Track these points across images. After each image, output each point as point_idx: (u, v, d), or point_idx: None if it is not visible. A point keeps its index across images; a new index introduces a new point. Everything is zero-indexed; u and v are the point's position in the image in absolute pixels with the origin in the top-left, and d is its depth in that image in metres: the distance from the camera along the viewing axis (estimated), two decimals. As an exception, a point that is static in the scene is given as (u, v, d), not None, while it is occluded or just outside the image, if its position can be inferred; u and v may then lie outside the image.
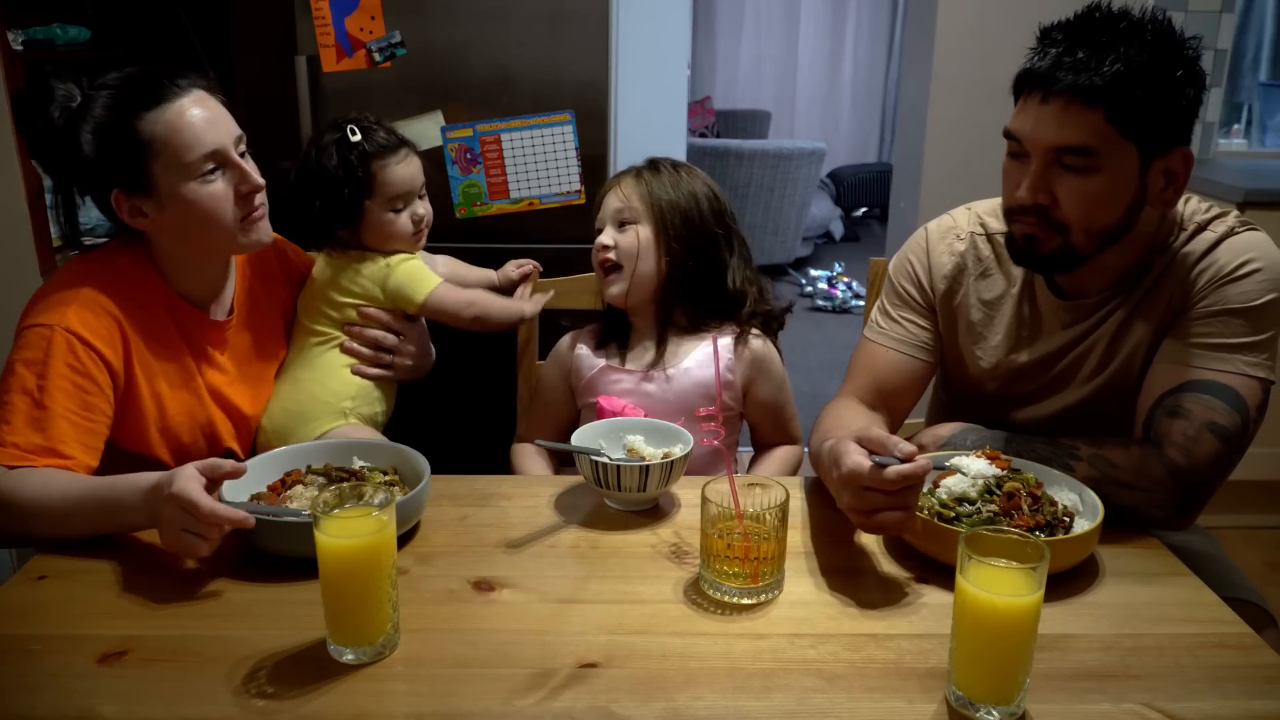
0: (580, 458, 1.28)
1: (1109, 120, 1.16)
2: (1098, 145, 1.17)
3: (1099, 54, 1.15)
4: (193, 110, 1.31)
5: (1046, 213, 1.22)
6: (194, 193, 1.32)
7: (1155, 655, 0.98)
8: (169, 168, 1.31)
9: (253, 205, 1.38)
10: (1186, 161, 1.22)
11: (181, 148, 1.30)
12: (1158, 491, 1.20)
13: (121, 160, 1.31)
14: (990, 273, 1.40)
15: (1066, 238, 1.23)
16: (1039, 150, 1.20)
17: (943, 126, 2.86)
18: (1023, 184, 1.22)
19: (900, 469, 1.04)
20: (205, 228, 1.35)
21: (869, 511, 1.08)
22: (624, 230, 1.54)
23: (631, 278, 1.54)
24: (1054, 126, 1.18)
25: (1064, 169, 1.19)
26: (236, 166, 1.35)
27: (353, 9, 2.16)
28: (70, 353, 1.26)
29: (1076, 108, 1.16)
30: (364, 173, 1.55)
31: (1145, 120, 1.17)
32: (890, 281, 1.49)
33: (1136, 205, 1.23)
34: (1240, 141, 3.22)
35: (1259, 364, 1.22)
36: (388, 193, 1.56)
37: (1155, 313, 1.29)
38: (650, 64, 2.61)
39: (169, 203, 1.33)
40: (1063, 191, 1.20)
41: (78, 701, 0.90)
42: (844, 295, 5.19)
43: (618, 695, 0.92)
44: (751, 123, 7.15)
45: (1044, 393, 1.38)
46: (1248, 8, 3.12)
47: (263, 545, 1.13)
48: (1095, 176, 1.19)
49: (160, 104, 1.30)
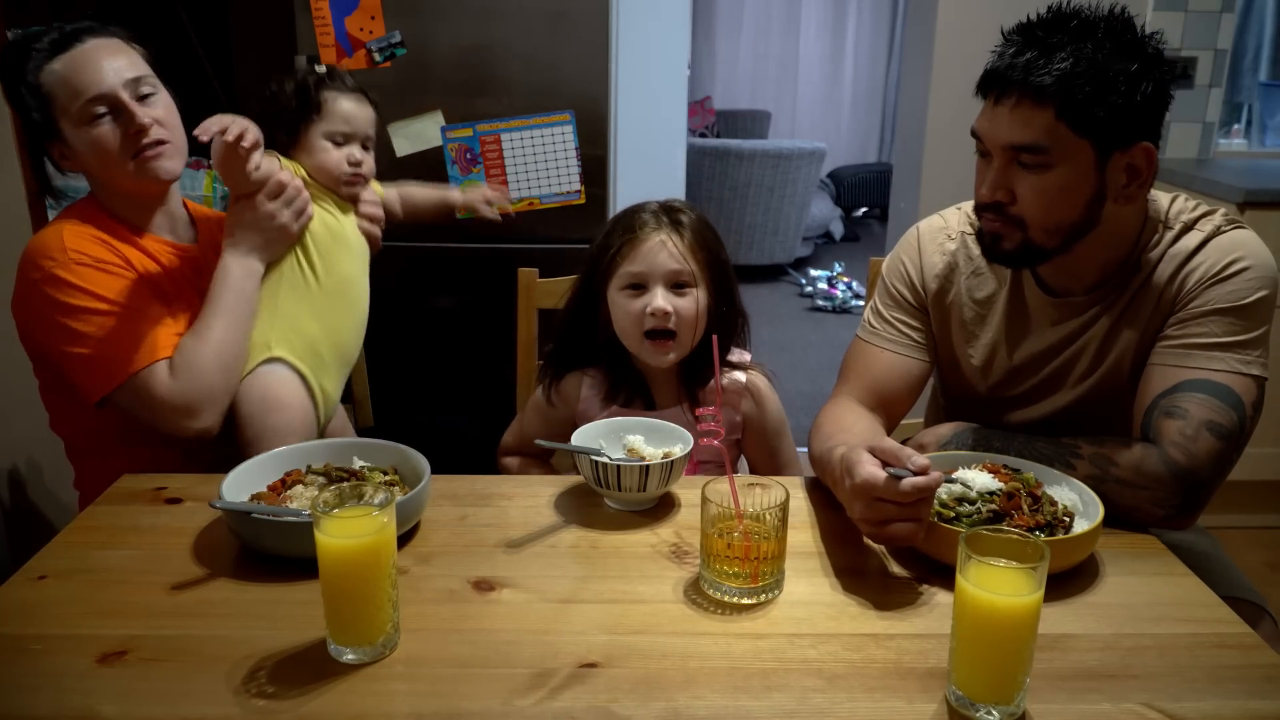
0: (580, 458, 1.27)
1: (1059, 117, 1.18)
2: (1049, 143, 1.19)
3: (1047, 53, 1.17)
4: (84, 58, 1.39)
5: (1003, 209, 1.25)
6: (84, 136, 1.40)
7: (1155, 655, 0.98)
8: (64, 115, 1.39)
9: (140, 145, 1.41)
10: (1149, 156, 1.22)
11: (69, 95, 1.38)
12: (1159, 491, 1.20)
13: (38, 113, 1.40)
14: (981, 271, 1.40)
15: (1025, 233, 1.25)
16: (997, 149, 1.24)
17: (943, 126, 2.86)
18: (984, 182, 1.26)
19: (915, 481, 1.04)
20: (103, 167, 1.42)
21: (881, 522, 1.07)
22: (682, 294, 1.45)
23: (683, 345, 1.47)
24: (1007, 126, 1.21)
25: (1020, 167, 1.22)
26: (125, 110, 1.40)
27: (353, 9, 2.16)
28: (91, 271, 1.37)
29: (1027, 106, 1.19)
30: (313, 96, 1.58)
31: (1098, 117, 1.18)
32: (883, 282, 1.49)
33: (1097, 201, 1.24)
34: (1240, 141, 3.22)
35: (1252, 361, 1.23)
36: (333, 122, 1.58)
37: (1145, 313, 1.29)
38: (650, 64, 2.61)
39: (72, 147, 1.41)
40: (1020, 189, 1.23)
41: (78, 701, 0.90)
42: (844, 295, 5.19)
43: (618, 695, 0.92)
44: (751, 123, 7.15)
45: (1037, 394, 1.39)
46: (1248, 8, 3.12)
47: (263, 545, 1.13)
48: (1049, 173, 1.21)
49: (56, 54, 1.38)
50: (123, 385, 1.36)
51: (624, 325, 1.48)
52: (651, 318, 1.44)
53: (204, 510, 1.24)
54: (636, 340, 1.47)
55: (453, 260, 1.86)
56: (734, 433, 1.56)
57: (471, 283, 2.06)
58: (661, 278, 1.45)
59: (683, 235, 1.46)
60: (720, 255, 1.50)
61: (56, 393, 1.48)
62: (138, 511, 1.27)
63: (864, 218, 7.28)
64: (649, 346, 1.47)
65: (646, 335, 1.46)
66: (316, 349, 1.55)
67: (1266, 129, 3.22)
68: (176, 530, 1.21)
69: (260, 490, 1.23)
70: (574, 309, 1.55)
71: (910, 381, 1.44)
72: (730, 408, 1.55)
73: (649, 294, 1.45)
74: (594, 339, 1.54)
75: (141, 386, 1.36)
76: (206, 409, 1.39)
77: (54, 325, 1.36)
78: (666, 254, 1.45)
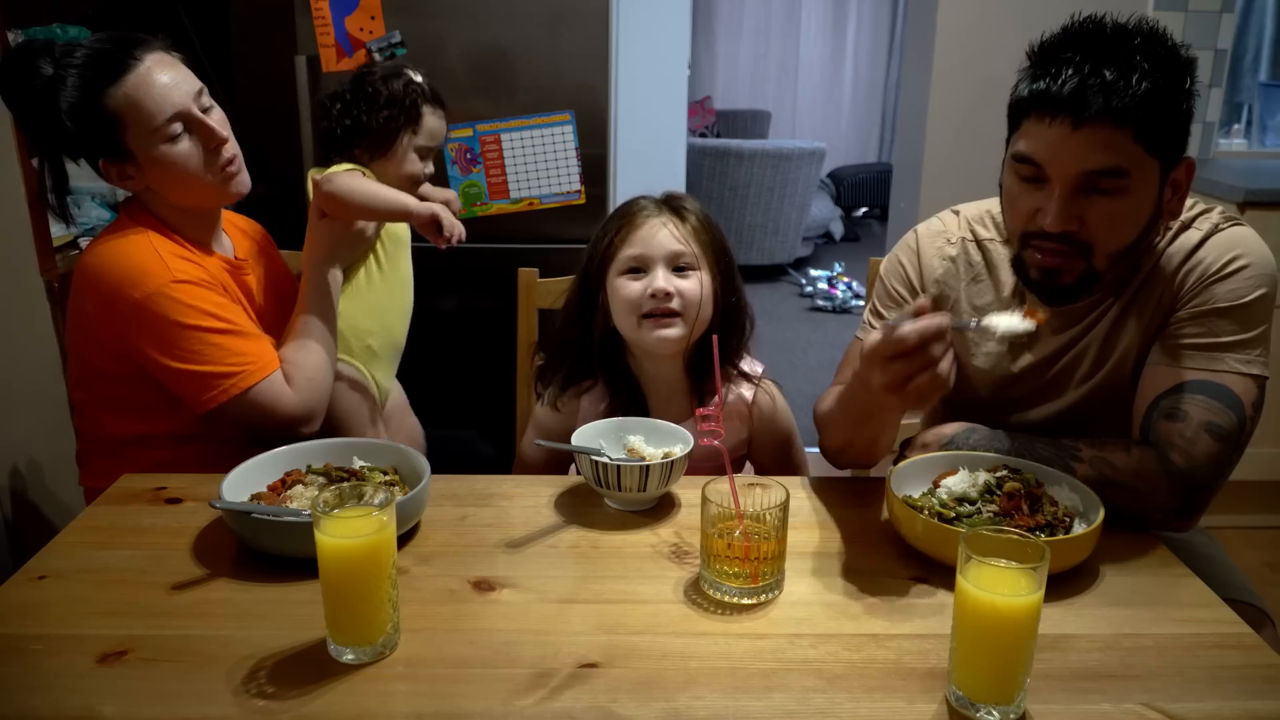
0: (580, 458, 1.27)
1: (1136, 139, 1.14)
2: (1129, 165, 1.15)
3: (1127, 73, 1.12)
4: (150, 78, 1.40)
5: (1072, 238, 1.19)
6: (165, 154, 1.41)
7: (1155, 655, 0.98)
8: (138, 135, 1.40)
9: (224, 159, 1.46)
10: (1190, 170, 1.21)
11: (145, 115, 1.39)
12: (1159, 494, 1.19)
13: (98, 134, 1.40)
14: (981, 279, 1.40)
15: (1090, 261, 1.21)
16: (1067, 176, 1.16)
17: (943, 126, 2.86)
18: (1049, 212, 1.18)
19: (916, 325, 1.04)
20: (185, 182, 1.44)
21: (902, 382, 1.06)
22: (685, 276, 1.42)
23: (691, 328, 1.43)
24: (1086, 151, 1.14)
25: (1095, 192, 1.17)
26: (200, 123, 1.43)
27: (353, 9, 2.16)
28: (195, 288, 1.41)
29: (1109, 130, 1.13)
30: (416, 106, 1.67)
31: (1169, 134, 1.16)
32: (881, 283, 1.49)
33: (1154, 220, 1.22)
34: (1240, 141, 3.22)
35: (1252, 361, 1.22)
36: (422, 137, 1.68)
37: (1145, 313, 1.29)
38: (650, 64, 2.61)
39: (147, 165, 1.43)
40: (1092, 215, 1.18)
41: (78, 701, 0.90)
42: (844, 295, 5.19)
43: (618, 695, 0.92)
44: (751, 123, 7.16)
45: (1039, 397, 1.38)
46: (1248, 8, 3.12)
47: (263, 545, 1.13)
48: (1125, 197, 1.17)
49: (120, 78, 1.38)
50: (239, 397, 1.41)
51: (622, 311, 1.43)
52: (652, 299, 1.39)
53: (204, 510, 1.24)
54: (634, 325, 1.42)
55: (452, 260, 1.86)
56: (740, 449, 1.54)
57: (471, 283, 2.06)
58: (663, 259, 1.41)
59: (685, 219, 1.44)
60: (724, 244, 1.48)
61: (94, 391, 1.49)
62: (138, 511, 1.27)
63: (864, 218, 7.28)
64: (648, 326, 1.41)
65: (645, 316, 1.41)
66: (369, 344, 1.68)
67: (1266, 129, 3.22)
68: (176, 530, 1.21)
69: (260, 490, 1.23)
70: (571, 307, 1.52)
71: None
72: (739, 422, 1.52)
73: (650, 275, 1.41)
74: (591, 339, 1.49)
75: (261, 399, 1.42)
76: (319, 414, 1.50)
77: (166, 342, 1.39)
78: (667, 234, 1.41)
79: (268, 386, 1.43)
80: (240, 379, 1.41)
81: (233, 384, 1.41)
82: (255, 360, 1.43)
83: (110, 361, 1.44)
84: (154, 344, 1.40)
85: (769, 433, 1.55)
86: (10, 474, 2.01)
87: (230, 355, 1.42)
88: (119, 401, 1.47)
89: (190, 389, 1.41)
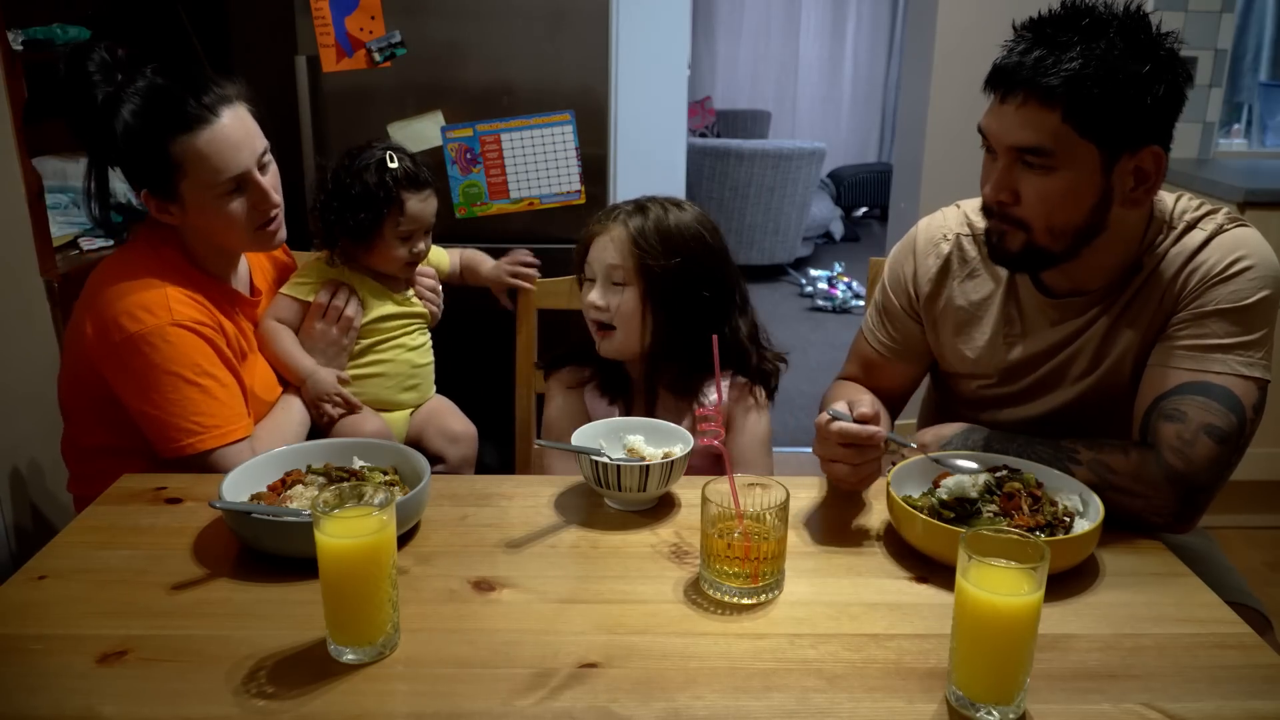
0: (580, 458, 1.27)
1: (1065, 120, 1.15)
2: (1053, 146, 1.17)
3: (1057, 52, 1.15)
4: (223, 135, 1.39)
5: (1008, 209, 1.23)
6: (215, 207, 1.42)
7: (1155, 655, 0.98)
8: (195, 187, 1.40)
9: (269, 218, 1.46)
10: (1158, 160, 1.20)
11: (209, 172, 1.39)
12: (1156, 497, 1.19)
13: (153, 173, 1.39)
14: (977, 273, 1.40)
15: (1030, 235, 1.23)
16: (1002, 149, 1.21)
17: (943, 126, 2.86)
18: (987, 182, 1.24)
19: (842, 426, 1.18)
20: (224, 235, 1.46)
21: (827, 459, 1.22)
22: (616, 290, 1.48)
23: (623, 339, 1.51)
24: (1012, 126, 1.19)
25: (1026, 167, 1.20)
26: (257, 186, 1.43)
27: (353, 9, 2.16)
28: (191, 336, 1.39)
29: (1033, 107, 1.16)
30: (393, 197, 1.64)
31: (1106, 120, 1.16)
32: (882, 282, 1.51)
33: (1103, 205, 1.22)
34: (1240, 141, 3.22)
35: (1254, 363, 1.22)
36: (406, 223, 1.66)
37: (1146, 313, 1.28)
38: (650, 64, 2.61)
39: (192, 211, 1.43)
40: (1024, 190, 1.21)
41: (78, 701, 0.90)
42: (844, 295, 5.19)
43: (618, 695, 0.92)
44: (751, 123, 7.15)
45: (1034, 392, 1.38)
46: (1248, 8, 3.12)
47: (263, 545, 1.13)
48: (1053, 176, 1.19)
49: (192, 129, 1.37)
50: (200, 457, 1.40)
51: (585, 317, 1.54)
52: (591, 311, 1.50)
53: (204, 510, 1.24)
54: (592, 329, 1.53)
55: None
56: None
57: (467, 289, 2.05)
58: (601, 272, 1.49)
59: (629, 236, 1.47)
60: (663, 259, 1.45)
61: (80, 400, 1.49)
62: (138, 511, 1.27)
63: (864, 218, 7.28)
64: (592, 331, 1.53)
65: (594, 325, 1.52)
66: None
67: (1266, 129, 3.21)
68: (176, 530, 1.21)
69: (260, 490, 1.23)
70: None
71: (900, 380, 1.51)
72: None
73: (592, 288, 1.51)
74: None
75: (222, 464, 1.39)
76: None
77: (142, 383, 1.38)
78: (608, 249, 1.48)
79: (232, 453, 1.40)
80: (203, 439, 1.39)
81: (195, 441, 1.39)
82: (223, 424, 1.41)
83: (97, 379, 1.42)
84: (130, 382, 1.38)
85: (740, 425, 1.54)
86: (10, 474, 2.01)
87: (198, 412, 1.39)
88: (103, 415, 1.45)
89: (154, 434, 1.40)
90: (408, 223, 1.66)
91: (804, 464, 3.02)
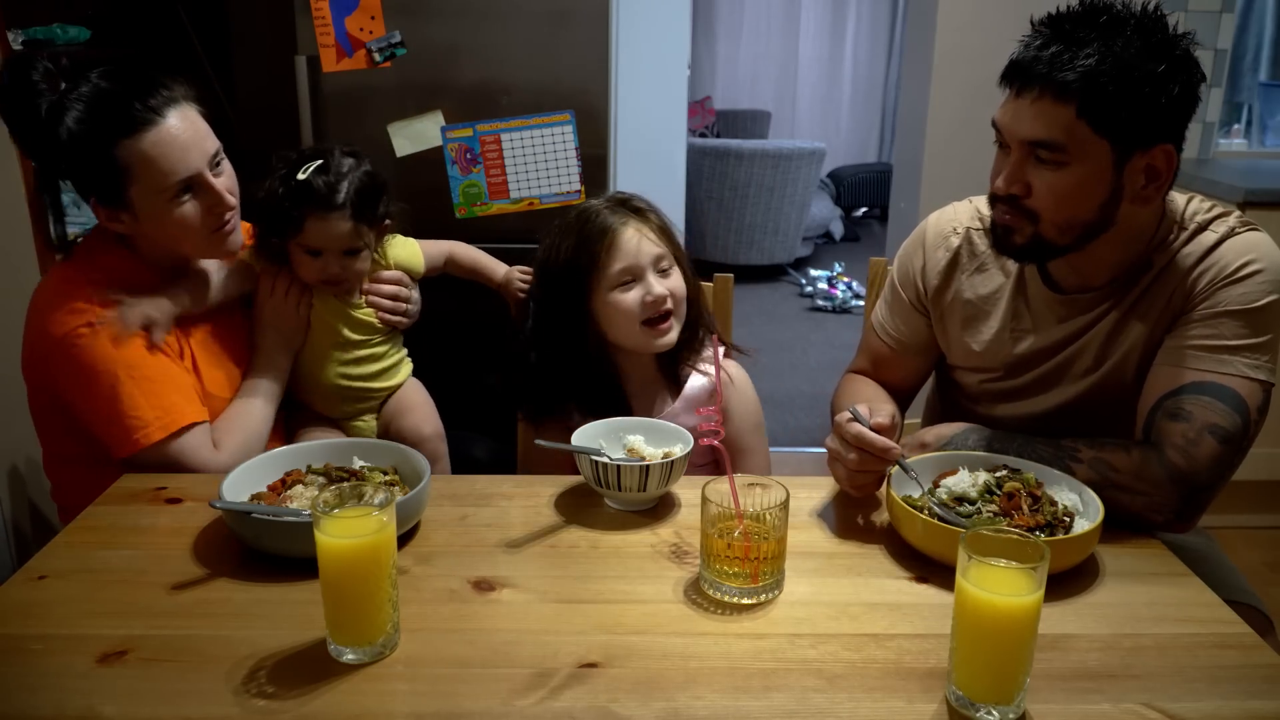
0: (580, 458, 1.27)
1: (1080, 116, 1.16)
2: (1066, 141, 1.18)
3: (1073, 48, 1.15)
4: (169, 137, 1.34)
5: (1017, 201, 1.24)
6: (166, 213, 1.37)
7: (1155, 655, 0.98)
8: (143, 192, 1.36)
9: (223, 221, 1.42)
10: (1169, 159, 1.21)
11: (157, 175, 1.34)
12: (1158, 495, 1.19)
13: (99, 180, 1.35)
14: (987, 267, 1.40)
15: (1037, 228, 1.24)
16: (1015, 142, 1.22)
17: (943, 126, 2.86)
18: (999, 174, 1.25)
19: (859, 431, 1.19)
20: (177, 241, 1.42)
21: (832, 457, 1.24)
22: (668, 275, 1.49)
23: (678, 325, 1.51)
24: (1026, 120, 1.20)
25: (1038, 162, 1.21)
26: (209, 189, 1.38)
27: (353, 9, 2.16)
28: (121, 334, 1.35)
29: (1047, 103, 1.17)
30: (287, 215, 1.52)
31: (1120, 117, 1.16)
32: (891, 276, 1.52)
33: (1113, 201, 1.22)
34: (1240, 141, 3.22)
35: (1260, 366, 1.22)
36: (307, 239, 1.53)
37: (1153, 312, 1.29)
38: (650, 64, 2.61)
39: (144, 217, 1.38)
40: (1036, 183, 1.22)
41: (78, 701, 0.90)
42: (844, 295, 5.19)
43: (618, 695, 0.92)
44: (751, 123, 7.15)
45: (1038, 388, 1.39)
46: (1248, 8, 3.12)
47: (263, 545, 1.13)
48: (1065, 171, 1.20)
49: (136, 132, 1.32)
50: (154, 449, 1.36)
51: (620, 323, 1.48)
52: (651, 305, 1.46)
53: (204, 510, 1.24)
54: (633, 332, 1.48)
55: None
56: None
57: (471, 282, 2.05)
58: (650, 265, 1.47)
59: (649, 221, 1.51)
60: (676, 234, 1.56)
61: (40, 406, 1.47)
62: (138, 511, 1.27)
63: (864, 218, 7.28)
64: (649, 333, 1.48)
65: (644, 323, 1.47)
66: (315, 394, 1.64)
67: (1266, 129, 3.21)
68: (176, 530, 1.21)
69: (260, 490, 1.23)
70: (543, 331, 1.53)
71: (908, 373, 1.52)
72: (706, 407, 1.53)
73: (643, 284, 1.47)
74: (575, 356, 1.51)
75: (177, 454, 1.36)
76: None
77: (78, 386, 1.35)
78: (646, 240, 1.48)
79: (186, 444, 1.37)
80: (148, 432, 1.35)
81: (141, 436, 1.35)
82: (165, 414, 1.36)
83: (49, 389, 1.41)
84: (70, 386, 1.36)
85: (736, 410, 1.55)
86: (10, 474, 2.01)
87: (136, 406, 1.35)
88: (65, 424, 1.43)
89: (104, 436, 1.37)
90: (309, 240, 1.53)
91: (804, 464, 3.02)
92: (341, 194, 1.52)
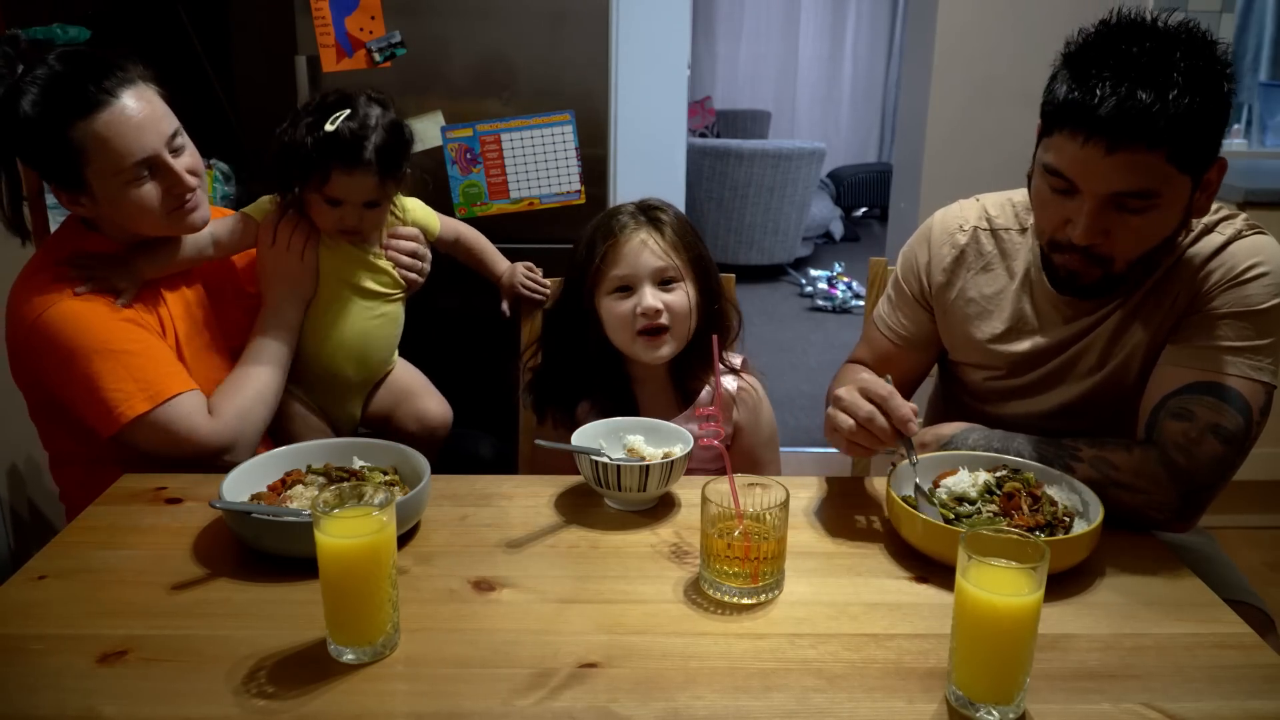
0: (580, 458, 1.27)
1: (1169, 160, 1.12)
2: (1159, 187, 1.13)
3: (1163, 95, 1.08)
4: (123, 117, 1.33)
5: (1095, 249, 1.19)
6: (123, 194, 1.37)
7: (1155, 655, 0.98)
8: (100, 173, 1.35)
9: (182, 200, 1.41)
10: (1222, 169, 1.19)
11: (113, 155, 1.33)
12: (1158, 494, 1.19)
13: (56, 162, 1.35)
14: (992, 267, 1.41)
15: (1108, 270, 1.22)
16: (1096, 194, 1.15)
17: (943, 126, 2.86)
18: (1077, 226, 1.17)
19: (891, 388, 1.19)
20: (136, 220, 1.41)
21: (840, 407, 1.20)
22: (670, 290, 1.46)
23: (675, 340, 1.47)
24: (1115, 174, 1.12)
25: (1121, 210, 1.16)
26: (167, 169, 1.37)
27: (353, 9, 2.16)
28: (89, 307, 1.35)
29: (1141, 153, 1.11)
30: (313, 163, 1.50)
31: (1202, 151, 1.14)
32: (896, 273, 1.52)
33: (1183, 226, 1.22)
34: (1240, 141, 3.22)
35: (1263, 368, 1.22)
36: (331, 191, 1.53)
37: (1158, 313, 1.29)
38: (650, 64, 2.61)
39: (102, 200, 1.38)
40: (1118, 230, 1.17)
41: (78, 701, 0.90)
42: (844, 295, 5.19)
43: (618, 695, 0.92)
44: (751, 123, 7.15)
45: (1041, 386, 1.39)
46: (1248, 8, 3.12)
47: (263, 545, 1.13)
48: (1153, 213, 1.16)
49: (90, 113, 1.32)
50: (141, 420, 1.35)
51: (615, 329, 1.48)
52: (642, 317, 1.44)
53: (204, 510, 1.24)
54: (629, 341, 1.47)
55: (453, 260, 1.87)
56: (724, 442, 1.54)
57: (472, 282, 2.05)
58: (648, 276, 1.45)
59: (664, 233, 1.47)
60: (702, 252, 1.51)
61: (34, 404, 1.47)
62: (138, 511, 1.27)
63: (864, 218, 7.28)
64: (642, 343, 1.46)
65: (639, 333, 1.46)
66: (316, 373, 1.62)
67: (1266, 129, 3.21)
68: (176, 530, 1.21)
69: (260, 490, 1.23)
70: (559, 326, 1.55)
71: (909, 370, 1.51)
72: (724, 414, 1.53)
73: (637, 294, 1.45)
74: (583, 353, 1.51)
75: (165, 422, 1.35)
76: (244, 443, 1.43)
77: (58, 370, 1.35)
78: (650, 250, 1.45)
79: (175, 409, 1.36)
80: (132, 403, 1.34)
81: (125, 409, 1.33)
82: (150, 385, 1.35)
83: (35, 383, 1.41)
84: (50, 372, 1.36)
85: (753, 425, 1.56)
86: (10, 474, 2.01)
87: (118, 379, 1.34)
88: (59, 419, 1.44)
89: (89, 417, 1.36)
90: (333, 191, 1.52)
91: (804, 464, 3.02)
92: (369, 149, 1.51)
